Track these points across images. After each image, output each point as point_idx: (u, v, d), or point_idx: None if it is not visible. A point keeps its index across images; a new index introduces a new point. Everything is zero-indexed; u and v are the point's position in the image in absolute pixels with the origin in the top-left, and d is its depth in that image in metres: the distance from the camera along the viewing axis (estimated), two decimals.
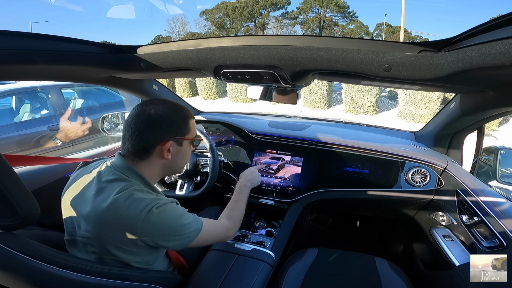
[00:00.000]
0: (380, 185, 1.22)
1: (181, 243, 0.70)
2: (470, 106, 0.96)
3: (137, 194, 0.66)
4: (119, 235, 0.64)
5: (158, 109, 0.71)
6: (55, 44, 0.74)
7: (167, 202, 0.69)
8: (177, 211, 0.70)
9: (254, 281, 0.82)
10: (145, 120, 0.70)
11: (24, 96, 3.21)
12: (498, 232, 0.85)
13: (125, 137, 0.72)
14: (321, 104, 7.86)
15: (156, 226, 0.65)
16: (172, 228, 0.68)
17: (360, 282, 0.97)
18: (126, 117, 0.73)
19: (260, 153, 1.35)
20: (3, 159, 0.53)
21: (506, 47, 0.45)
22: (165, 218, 0.67)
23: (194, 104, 1.71)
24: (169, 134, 0.72)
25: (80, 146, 3.24)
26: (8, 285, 0.54)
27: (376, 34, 27.89)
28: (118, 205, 0.64)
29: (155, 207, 0.65)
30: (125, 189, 0.66)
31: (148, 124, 0.70)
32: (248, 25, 29.60)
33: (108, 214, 0.64)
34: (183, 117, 0.75)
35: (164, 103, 0.74)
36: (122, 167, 0.71)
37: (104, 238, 0.65)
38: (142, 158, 0.72)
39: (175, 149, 0.75)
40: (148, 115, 0.70)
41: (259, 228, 1.16)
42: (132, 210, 0.64)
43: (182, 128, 0.75)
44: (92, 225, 0.65)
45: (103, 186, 0.68)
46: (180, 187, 1.29)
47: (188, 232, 0.71)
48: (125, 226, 0.64)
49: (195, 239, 0.72)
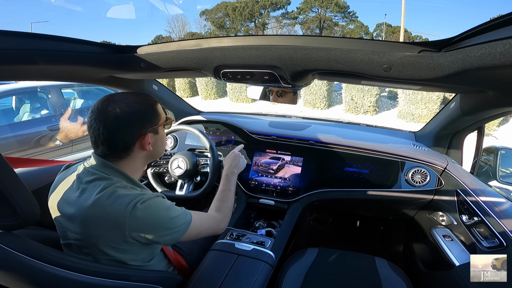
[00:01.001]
0: (380, 185, 1.22)
1: (172, 237, 0.69)
2: (470, 106, 0.96)
3: (120, 190, 0.66)
4: (107, 233, 0.64)
5: (122, 106, 0.67)
6: (55, 44, 0.74)
7: (152, 197, 0.68)
8: (163, 205, 0.69)
9: (254, 281, 0.82)
10: (114, 121, 0.66)
11: (24, 96, 3.21)
12: (498, 232, 0.85)
13: (97, 142, 0.68)
14: (321, 104, 7.86)
15: (143, 221, 0.64)
16: (160, 222, 0.67)
17: (360, 282, 0.96)
18: (88, 120, 0.68)
19: (260, 153, 1.35)
20: (3, 159, 0.53)
21: (506, 47, 0.45)
22: (152, 213, 0.66)
23: (194, 104, 1.71)
24: (144, 127, 0.71)
25: (80, 146, 3.24)
26: (8, 285, 0.54)
27: (376, 34, 27.90)
28: (102, 203, 0.63)
29: (140, 202, 0.64)
30: (107, 187, 0.66)
31: (119, 125, 0.67)
32: (248, 25, 29.61)
33: (93, 213, 0.64)
34: (150, 105, 0.73)
35: (125, 98, 0.70)
36: (100, 166, 0.70)
37: (94, 239, 0.64)
38: (122, 157, 0.71)
39: (153, 139, 0.74)
40: (114, 115, 0.66)
41: (259, 228, 1.16)
42: (117, 207, 0.63)
43: (153, 117, 0.73)
44: (80, 227, 0.65)
45: (84, 187, 0.67)
46: (180, 187, 1.29)
47: (178, 225, 0.70)
48: (112, 224, 0.63)
49: (186, 232, 0.72)
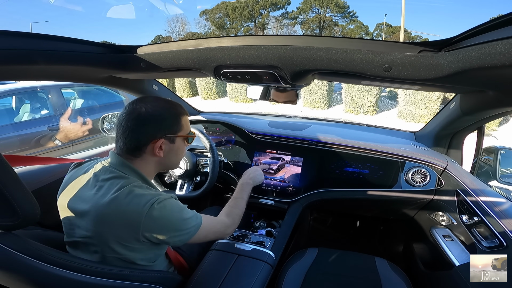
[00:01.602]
0: (380, 185, 1.22)
1: (182, 238, 0.71)
2: (470, 106, 0.96)
3: (137, 190, 0.67)
4: (121, 231, 0.65)
5: (148, 107, 0.71)
6: (55, 44, 0.74)
7: (167, 198, 0.70)
8: (178, 206, 0.71)
9: (254, 281, 0.82)
10: (136, 118, 0.70)
11: (24, 96, 3.21)
12: (498, 232, 0.84)
13: (118, 135, 0.72)
14: (321, 104, 7.86)
15: (158, 221, 0.66)
16: (174, 223, 0.69)
17: (360, 282, 0.96)
18: (119, 115, 0.73)
19: (260, 153, 1.35)
20: (3, 159, 0.53)
21: (506, 47, 0.45)
22: (167, 213, 0.67)
23: (194, 104, 1.71)
24: (160, 132, 0.72)
25: (80, 146, 3.24)
26: (8, 285, 0.54)
27: (376, 34, 27.89)
28: (119, 202, 0.65)
29: (157, 202, 0.66)
30: (124, 185, 0.67)
31: (138, 123, 0.70)
32: (248, 25, 29.60)
33: (110, 211, 0.65)
34: (174, 114, 0.75)
35: (156, 101, 0.74)
36: (119, 164, 0.72)
37: (106, 236, 0.65)
38: (135, 155, 0.73)
39: (167, 147, 0.75)
40: (138, 113, 0.70)
41: (259, 228, 1.16)
42: (134, 206, 0.64)
43: (173, 126, 0.75)
44: (93, 223, 0.65)
45: (101, 184, 0.69)
46: (180, 187, 1.29)
47: (189, 227, 0.71)
48: (127, 222, 0.64)
49: (195, 234, 0.73)
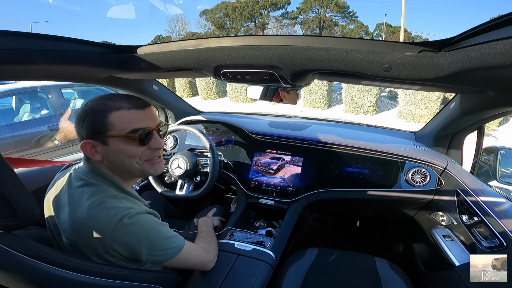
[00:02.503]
0: (380, 185, 1.22)
1: (157, 259, 0.66)
2: (470, 106, 0.96)
3: (108, 201, 0.63)
4: (91, 244, 0.62)
5: (87, 105, 0.65)
6: (55, 44, 0.74)
7: (141, 212, 0.64)
8: (154, 223, 0.66)
9: (254, 281, 0.82)
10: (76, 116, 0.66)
11: (24, 96, 3.21)
12: (498, 232, 0.84)
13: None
14: (321, 104, 7.86)
15: (128, 237, 0.61)
16: (145, 241, 0.63)
17: (360, 282, 0.96)
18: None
19: (260, 153, 1.35)
20: (3, 159, 0.53)
21: (506, 47, 0.45)
22: (137, 230, 0.62)
23: (194, 104, 1.71)
24: (86, 132, 0.64)
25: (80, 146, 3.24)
26: (8, 285, 0.54)
27: (376, 34, 27.90)
28: (88, 213, 0.61)
29: (127, 216, 0.61)
30: (95, 195, 0.63)
31: (76, 122, 0.66)
32: (248, 25, 29.61)
33: (80, 222, 0.61)
34: (99, 110, 0.63)
35: (97, 97, 0.66)
36: (86, 171, 0.67)
37: (81, 247, 0.63)
38: (89, 160, 0.68)
39: (102, 149, 0.65)
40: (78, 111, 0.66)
41: (259, 228, 1.16)
42: (102, 219, 0.60)
43: (98, 124, 0.63)
44: (69, 234, 0.63)
45: (73, 192, 0.66)
46: (180, 187, 1.29)
47: (166, 248, 0.67)
48: (96, 235, 0.60)
49: (174, 257, 0.68)
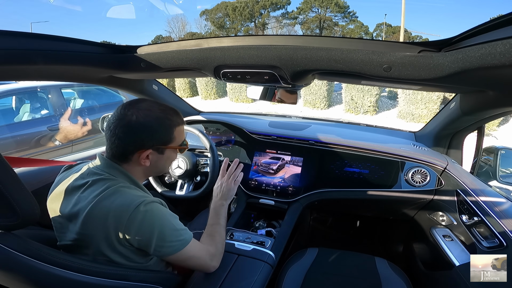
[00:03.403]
0: (380, 185, 1.22)
1: (166, 250, 0.66)
2: (470, 106, 0.96)
3: (123, 190, 0.66)
4: (105, 233, 0.63)
5: (140, 116, 0.68)
6: (55, 44, 0.74)
7: (155, 201, 0.67)
8: (166, 213, 0.68)
9: (254, 281, 0.82)
10: (125, 126, 0.67)
11: (24, 96, 3.21)
12: (498, 232, 0.85)
13: (106, 138, 0.71)
14: (321, 104, 7.86)
15: (142, 224, 0.63)
16: (158, 229, 0.65)
17: (360, 282, 0.96)
18: (109, 118, 0.71)
19: (260, 153, 1.35)
20: (3, 159, 0.53)
21: (506, 47, 0.45)
22: (152, 217, 0.64)
23: (194, 104, 1.71)
24: (148, 143, 0.69)
25: (80, 146, 3.24)
26: (8, 285, 0.54)
27: (376, 34, 27.89)
28: (103, 201, 0.64)
29: (143, 204, 0.64)
30: (111, 186, 0.66)
31: (127, 131, 0.67)
32: (248, 25, 29.61)
33: (94, 212, 0.63)
34: (167, 126, 0.71)
35: (149, 109, 0.70)
36: (106, 166, 0.71)
37: (94, 238, 0.64)
38: (122, 161, 0.71)
39: (155, 157, 0.73)
40: (128, 121, 0.67)
41: (259, 228, 1.16)
42: (118, 206, 0.63)
43: (164, 138, 0.72)
44: (81, 226, 0.64)
45: (88, 186, 0.67)
46: (180, 187, 1.29)
47: (174, 240, 0.67)
48: (111, 222, 0.62)
49: (179, 251, 0.68)
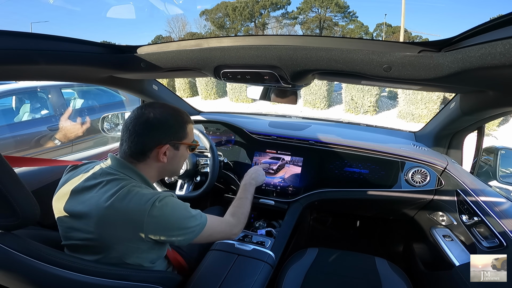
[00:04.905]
0: (380, 185, 1.22)
1: (186, 237, 0.70)
2: (470, 106, 0.96)
3: (136, 189, 0.67)
4: (124, 232, 0.64)
5: (156, 113, 0.73)
6: (55, 44, 0.74)
7: (168, 195, 0.70)
8: (180, 204, 0.71)
9: (254, 281, 0.82)
10: (144, 123, 0.71)
11: (24, 96, 3.21)
12: (498, 232, 0.84)
13: (123, 138, 0.73)
14: (321, 104, 7.86)
15: (161, 220, 0.65)
16: (177, 221, 0.68)
17: (360, 282, 0.96)
18: (126, 119, 0.74)
19: (260, 153, 1.35)
20: (3, 159, 0.53)
21: (506, 47, 0.45)
22: (169, 211, 0.67)
23: (194, 104, 1.71)
24: (166, 138, 0.74)
25: (80, 146, 3.24)
26: (8, 285, 0.54)
27: (376, 34, 27.87)
28: (118, 202, 0.64)
29: (158, 200, 0.66)
30: (124, 186, 0.67)
31: (146, 127, 0.71)
32: (248, 25, 29.59)
33: (111, 212, 0.64)
34: (181, 122, 0.77)
35: (163, 107, 0.76)
36: (119, 166, 0.72)
37: (109, 238, 0.64)
38: (139, 160, 0.73)
39: (172, 153, 0.76)
40: (146, 118, 0.72)
41: (259, 228, 1.16)
42: (135, 205, 0.64)
43: (179, 133, 0.76)
44: (94, 225, 0.65)
45: (101, 186, 0.68)
46: (180, 187, 1.29)
47: (193, 226, 0.70)
48: (130, 222, 0.64)
49: (199, 234, 0.72)
